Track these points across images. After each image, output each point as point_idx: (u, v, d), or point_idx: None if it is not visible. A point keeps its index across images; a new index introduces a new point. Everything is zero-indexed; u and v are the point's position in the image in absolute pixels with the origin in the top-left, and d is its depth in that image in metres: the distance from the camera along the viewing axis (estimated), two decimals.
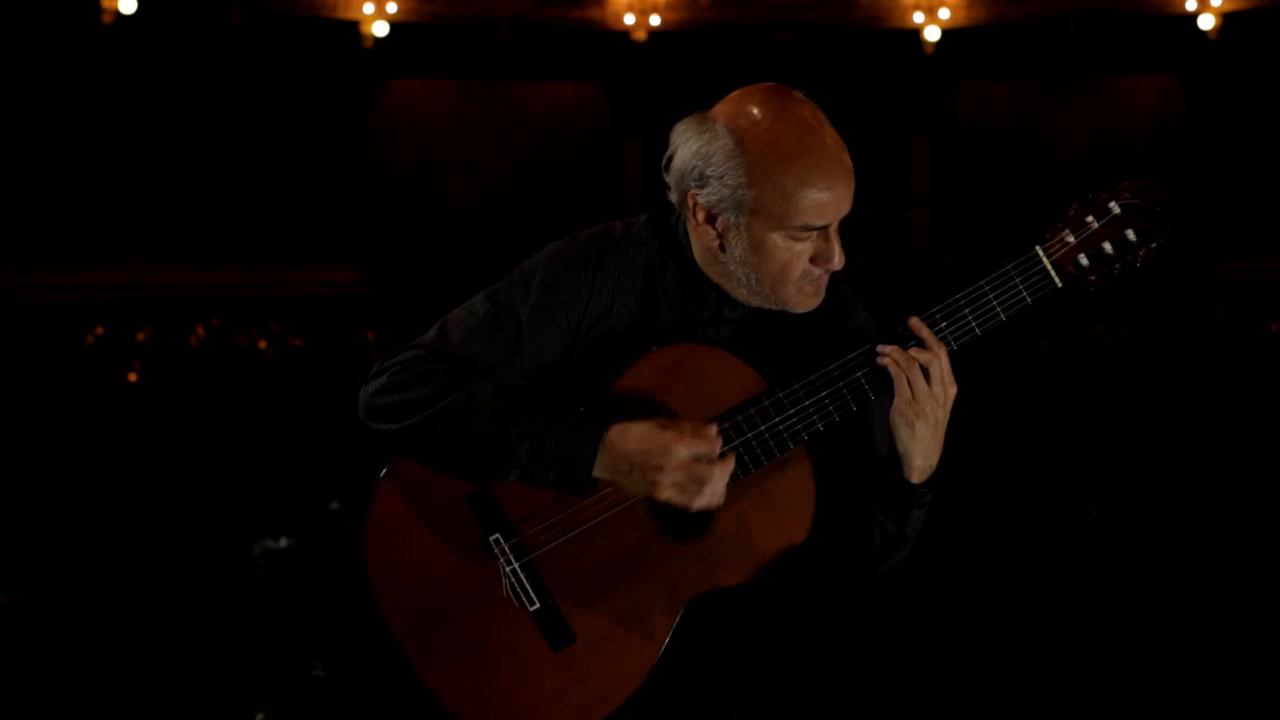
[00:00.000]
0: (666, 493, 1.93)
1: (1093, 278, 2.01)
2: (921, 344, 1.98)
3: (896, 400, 1.98)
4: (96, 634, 4.81)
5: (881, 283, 2.10)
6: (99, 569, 5.64)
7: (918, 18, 14.53)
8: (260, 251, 14.34)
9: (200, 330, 12.66)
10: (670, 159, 2.05)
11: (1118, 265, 2.01)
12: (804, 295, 2.03)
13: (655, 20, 14.72)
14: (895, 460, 2.02)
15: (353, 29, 14.49)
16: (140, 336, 12.32)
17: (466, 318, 2.09)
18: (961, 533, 5.30)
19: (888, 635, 4.32)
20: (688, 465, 1.92)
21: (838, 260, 2.00)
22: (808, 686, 2.18)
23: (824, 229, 1.99)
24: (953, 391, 1.99)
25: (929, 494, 2.04)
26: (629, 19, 14.75)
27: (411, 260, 15.03)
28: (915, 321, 1.99)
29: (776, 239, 1.97)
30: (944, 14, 14.46)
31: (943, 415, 1.99)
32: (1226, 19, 13.84)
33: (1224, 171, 13.84)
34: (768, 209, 1.96)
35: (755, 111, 1.98)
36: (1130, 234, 2.00)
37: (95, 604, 5.13)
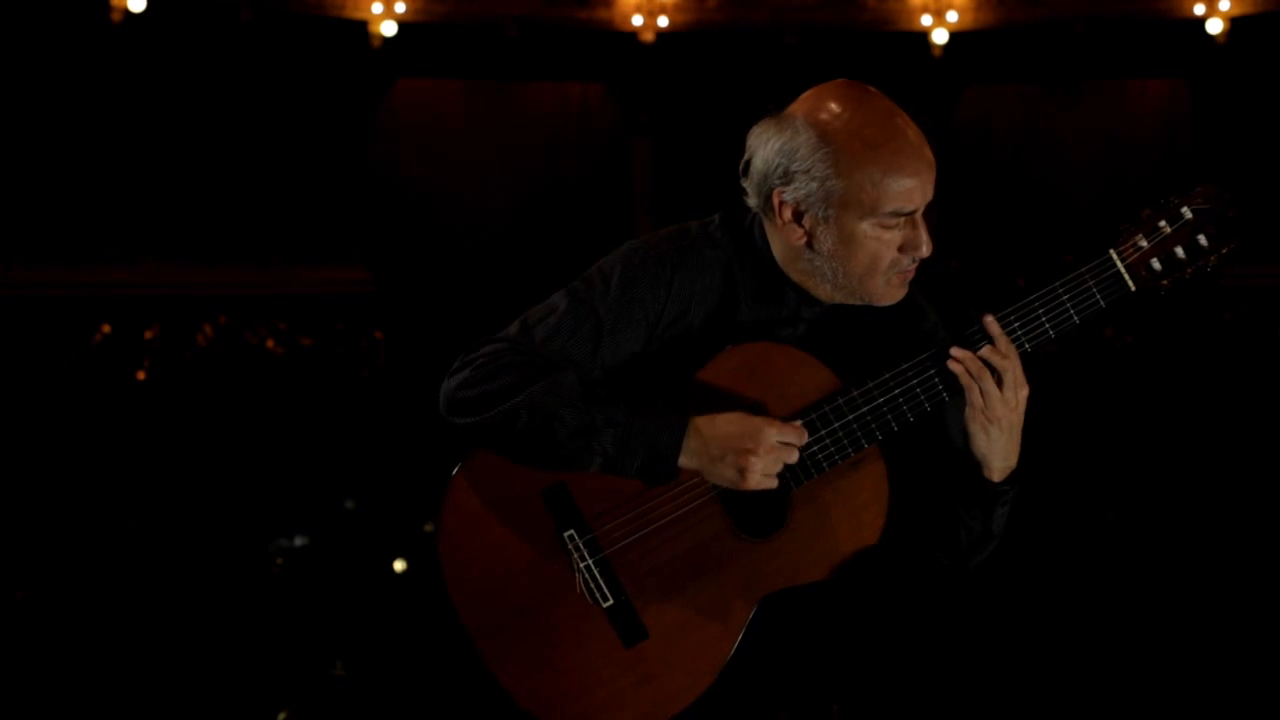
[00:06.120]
0: (755, 478, 1.94)
1: (1165, 282, 2.02)
2: (991, 343, 1.98)
3: (969, 409, 1.98)
4: (114, 633, 4.81)
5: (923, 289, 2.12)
6: (113, 568, 5.65)
7: (925, 20, 14.55)
8: (267, 250, 14.32)
9: (208, 329, 12.66)
10: (748, 162, 2.06)
11: (1189, 270, 2.02)
12: (891, 287, 2.05)
13: (663, 21, 14.72)
14: (974, 462, 2.03)
15: (361, 28, 14.48)
16: (148, 334, 12.32)
17: (547, 315, 2.09)
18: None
19: (913, 636, 4.33)
20: (779, 450, 1.93)
21: (926, 247, 2.03)
22: (869, 687, 2.19)
23: (912, 215, 2.01)
24: (1024, 393, 1.98)
25: (1010, 491, 2.05)
26: (637, 20, 14.75)
27: (419, 259, 15.03)
28: (991, 320, 1.99)
29: (866, 229, 1.99)
30: (952, 17, 14.48)
31: (1017, 419, 1.99)
32: (1234, 23, 13.84)
33: (1231, 176, 13.85)
34: (857, 199, 1.98)
35: (834, 105, 2.00)
36: (1202, 239, 2.01)
37: (111, 603, 5.14)
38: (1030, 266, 12.87)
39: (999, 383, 1.97)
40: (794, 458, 1.95)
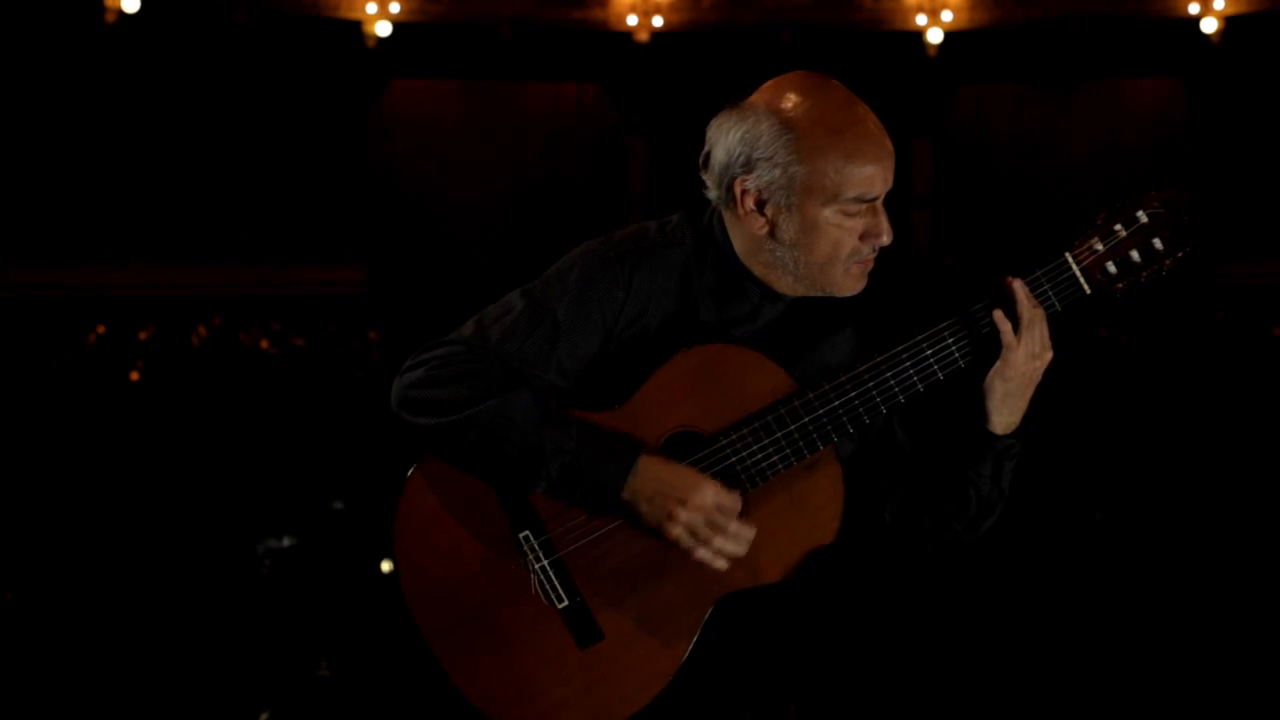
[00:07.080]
0: (677, 530, 1.94)
1: (1120, 285, 2.02)
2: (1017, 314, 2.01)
3: (1000, 363, 2.00)
4: (101, 632, 4.81)
5: (882, 284, 2.10)
6: (102, 567, 5.65)
7: (920, 20, 14.57)
8: (262, 251, 14.33)
9: (202, 329, 12.66)
10: (709, 154, 2.06)
11: (1144, 274, 2.02)
12: (850, 277, 2.04)
13: (658, 21, 14.74)
14: (980, 420, 2.05)
15: (356, 29, 14.49)
16: (143, 335, 12.32)
17: (504, 314, 2.07)
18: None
19: (898, 637, 4.32)
20: (709, 509, 1.94)
21: (886, 235, 2.02)
22: (825, 687, 2.19)
23: (873, 202, 2.00)
24: (1049, 356, 2.03)
25: (1018, 444, 2.07)
26: (631, 20, 14.76)
27: (413, 260, 15.03)
28: (1019, 284, 2.01)
29: (829, 215, 1.99)
30: (947, 16, 14.49)
31: (1037, 377, 2.04)
32: (1229, 22, 13.85)
33: (1225, 175, 13.84)
34: (820, 184, 1.97)
35: (795, 94, 2.00)
36: (1157, 243, 2.01)
37: (99, 602, 5.14)
38: (1024, 264, 12.87)
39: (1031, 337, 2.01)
40: (727, 524, 1.95)
